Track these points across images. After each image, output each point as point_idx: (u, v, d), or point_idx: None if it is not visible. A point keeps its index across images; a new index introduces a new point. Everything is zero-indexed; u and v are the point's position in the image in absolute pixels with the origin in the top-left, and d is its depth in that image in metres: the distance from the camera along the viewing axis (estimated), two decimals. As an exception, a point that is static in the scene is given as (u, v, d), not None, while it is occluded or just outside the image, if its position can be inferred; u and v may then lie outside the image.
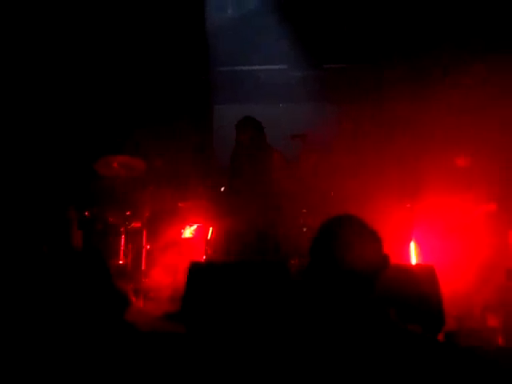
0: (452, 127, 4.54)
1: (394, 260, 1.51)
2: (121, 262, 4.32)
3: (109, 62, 5.26)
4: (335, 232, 1.48)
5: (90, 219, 4.22)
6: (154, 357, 1.77)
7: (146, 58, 5.41)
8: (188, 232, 4.87)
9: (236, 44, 5.61)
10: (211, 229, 4.50)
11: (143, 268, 4.39)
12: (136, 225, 4.43)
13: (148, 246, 4.49)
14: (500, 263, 3.63)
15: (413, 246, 4.15)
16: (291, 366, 1.36)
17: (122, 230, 4.35)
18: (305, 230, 4.17)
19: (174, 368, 1.87)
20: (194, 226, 4.88)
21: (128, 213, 4.38)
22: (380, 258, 1.46)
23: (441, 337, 2.76)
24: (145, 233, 4.45)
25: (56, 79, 4.97)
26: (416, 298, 2.80)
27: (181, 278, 3.54)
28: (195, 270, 3.19)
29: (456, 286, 3.38)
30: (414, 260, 4.10)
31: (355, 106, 5.27)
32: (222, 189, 4.96)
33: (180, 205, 4.92)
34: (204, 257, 4.45)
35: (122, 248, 4.33)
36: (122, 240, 4.34)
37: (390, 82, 5.10)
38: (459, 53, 4.74)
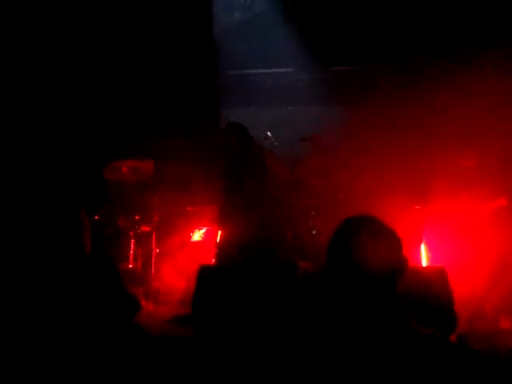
0: (460, 127, 4.51)
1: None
2: (130, 266, 4.34)
3: (118, 67, 5.30)
4: (351, 233, 1.45)
5: (99, 223, 4.24)
6: (162, 360, 1.77)
7: (155, 63, 5.44)
8: (197, 235, 4.87)
9: (244, 47, 5.62)
10: (220, 232, 4.50)
11: (153, 272, 4.40)
12: (145, 229, 4.45)
13: (157, 250, 4.50)
14: (512, 263, 3.58)
15: (423, 248, 4.11)
16: (301, 370, 1.35)
17: (131, 233, 4.36)
18: (314, 232, 4.16)
19: (183, 371, 1.87)
20: (203, 230, 4.89)
21: (137, 217, 4.39)
22: (399, 259, 1.43)
23: (453, 339, 2.73)
24: (154, 236, 4.46)
25: (67, 85, 5.01)
26: (428, 300, 2.77)
27: (191, 281, 3.54)
28: (204, 273, 3.19)
29: (468, 288, 3.34)
30: (424, 262, 4.06)
31: (363, 108, 5.25)
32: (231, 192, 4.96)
33: (189, 208, 4.93)
34: (213, 260, 4.45)
35: (132, 252, 4.35)
36: (132, 244, 4.36)
37: (398, 84, 5.08)
38: (466, 54, 4.71)
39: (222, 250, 4.29)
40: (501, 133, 4.15)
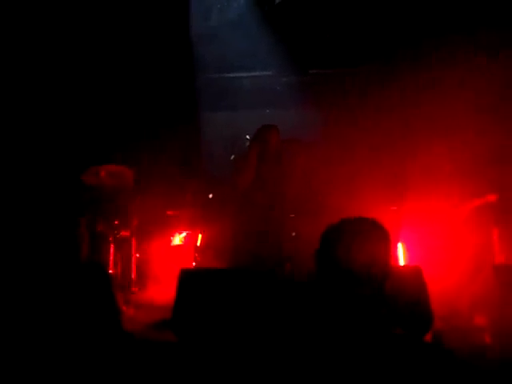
0: (435, 130, 4.61)
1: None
2: (110, 272, 4.30)
3: (95, 73, 5.25)
4: (338, 234, 1.45)
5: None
6: (144, 365, 1.78)
7: (133, 68, 5.41)
8: (177, 239, 4.87)
9: (221, 51, 5.64)
10: (200, 236, 4.51)
11: (133, 277, 4.38)
12: (125, 233, 4.42)
13: (137, 255, 4.48)
14: (486, 261, 3.68)
15: (400, 247, 4.19)
16: (282, 374, 1.37)
17: (110, 238, 4.33)
18: (293, 234, 4.20)
19: (165, 377, 1.88)
20: (184, 234, 4.88)
21: (116, 222, 4.36)
22: (387, 258, 1.45)
23: (429, 337, 2.79)
24: (134, 241, 4.44)
25: (42, 91, 4.94)
26: (404, 298, 2.83)
27: (171, 285, 3.54)
28: (185, 277, 3.20)
29: (443, 286, 3.42)
30: (401, 261, 4.14)
31: (341, 111, 5.32)
32: (211, 195, 4.98)
33: (168, 213, 4.92)
34: (194, 264, 4.46)
35: (112, 257, 4.32)
36: (111, 249, 4.33)
37: (375, 87, 5.16)
38: (443, 54, 4.80)
39: (203, 253, 4.29)
40: (475, 130, 4.25)
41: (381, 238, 1.46)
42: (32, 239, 1.93)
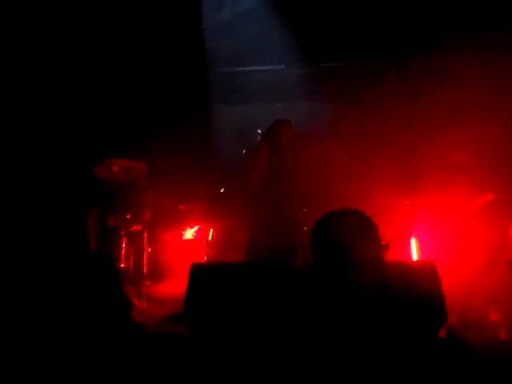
0: (450, 123, 4.55)
1: (394, 257, 1.51)
2: (122, 265, 4.33)
3: (107, 66, 5.26)
4: (330, 229, 1.47)
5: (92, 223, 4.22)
6: (156, 357, 1.78)
7: (144, 61, 5.41)
8: (189, 234, 4.88)
9: (233, 44, 5.61)
10: (212, 230, 4.51)
11: (145, 271, 4.40)
12: (137, 227, 4.44)
13: (149, 249, 4.49)
14: (501, 255, 3.63)
15: (413, 242, 4.15)
16: (293, 368, 1.36)
17: (122, 232, 4.35)
18: (305, 228, 4.18)
19: (176, 369, 1.88)
20: (195, 228, 4.89)
21: (128, 216, 4.38)
22: (376, 249, 1.44)
23: (442, 332, 2.76)
24: (145, 235, 4.45)
25: (54, 84, 4.97)
26: (418, 294, 2.80)
27: (183, 279, 3.54)
28: (196, 271, 3.20)
29: (458, 281, 3.38)
30: (415, 256, 4.10)
31: (353, 104, 5.27)
32: (222, 190, 4.97)
33: (180, 207, 4.93)
34: (205, 258, 4.46)
35: (124, 251, 4.34)
36: (124, 243, 4.35)
37: (387, 79, 5.10)
38: (457, 48, 4.73)
39: (214, 247, 4.29)
40: (492, 126, 4.18)
41: (370, 230, 1.44)
42: (40, 231, 1.94)
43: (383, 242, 1.47)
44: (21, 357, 1.60)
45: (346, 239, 1.42)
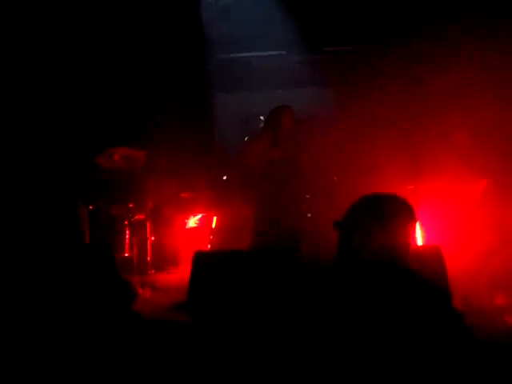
0: (452, 105, 4.50)
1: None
2: (126, 255, 4.33)
3: (108, 56, 5.22)
4: (359, 216, 1.42)
5: (93, 212, 4.22)
6: (160, 345, 1.78)
7: (145, 50, 5.37)
8: (192, 222, 4.87)
9: (234, 31, 5.55)
10: (215, 218, 4.50)
11: (148, 259, 4.40)
12: (140, 217, 4.43)
13: (152, 238, 4.49)
14: (507, 240, 3.61)
15: (418, 227, 4.13)
16: (296, 355, 1.35)
17: (125, 222, 4.35)
18: (309, 215, 4.16)
19: (180, 357, 1.88)
20: (198, 216, 4.88)
21: (131, 205, 4.38)
22: (409, 239, 1.41)
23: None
24: (149, 224, 4.45)
25: (55, 73, 4.94)
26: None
27: (186, 267, 3.54)
28: (200, 259, 3.19)
29: (462, 265, 3.36)
30: (419, 241, 4.08)
31: (356, 89, 5.22)
32: (225, 177, 4.95)
33: (183, 195, 4.91)
34: (208, 246, 4.46)
35: (127, 240, 4.34)
36: (127, 232, 4.35)
37: (390, 64, 5.04)
38: (457, 32, 4.67)
39: (218, 235, 4.28)
40: (494, 109, 4.13)
41: (404, 217, 1.41)
42: (35, 221, 1.93)
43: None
44: (18, 348, 1.60)
45: (386, 219, 1.38)
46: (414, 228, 1.44)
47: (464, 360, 1.28)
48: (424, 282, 1.37)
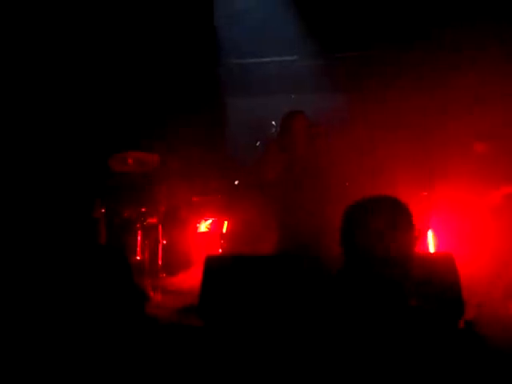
0: (468, 113, 4.46)
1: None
2: (138, 258, 4.36)
3: (121, 59, 5.27)
4: (359, 219, 1.39)
5: (106, 215, 4.25)
6: (171, 348, 1.78)
7: (158, 54, 5.41)
8: (203, 226, 4.89)
9: (246, 36, 5.57)
10: (226, 222, 4.50)
11: (160, 263, 4.42)
12: (152, 220, 4.46)
13: (164, 241, 4.51)
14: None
15: (431, 234, 4.09)
16: (307, 360, 1.34)
17: (138, 225, 4.38)
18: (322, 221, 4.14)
19: (191, 360, 1.88)
20: (210, 220, 4.90)
21: (143, 209, 4.40)
22: (410, 240, 1.39)
23: (461, 325, 2.72)
24: (160, 228, 4.47)
25: (72, 79, 5.00)
26: (435, 286, 2.76)
27: (198, 271, 3.55)
28: (211, 263, 3.20)
29: (476, 273, 3.33)
30: (432, 248, 4.05)
31: (368, 95, 5.20)
32: (236, 182, 4.96)
33: (194, 199, 4.93)
34: (219, 250, 4.47)
35: (139, 244, 4.37)
36: (139, 236, 4.38)
37: (404, 69, 5.01)
38: (473, 36, 4.63)
39: (229, 239, 4.28)
40: (506, 113, 4.09)
41: (403, 220, 1.39)
42: (49, 223, 1.95)
43: (415, 232, 1.41)
44: (28, 351, 1.61)
45: (375, 229, 1.35)
46: (413, 236, 1.40)
47: (476, 370, 1.27)
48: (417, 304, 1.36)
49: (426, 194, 4.22)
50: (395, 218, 1.38)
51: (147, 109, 5.33)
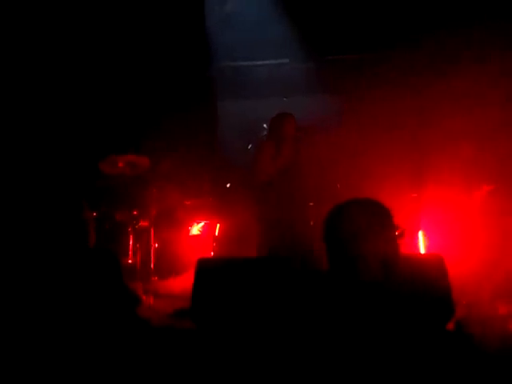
0: (455, 114, 4.50)
1: (402, 250, 1.49)
2: (130, 262, 4.35)
3: (112, 62, 5.27)
4: (337, 219, 1.45)
5: (97, 219, 4.24)
6: (163, 351, 1.79)
7: (149, 57, 5.41)
8: (195, 229, 4.88)
9: (237, 39, 5.58)
10: (218, 225, 4.51)
11: (152, 266, 4.41)
12: (144, 223, 4.45)
13: (156, 245, 4.51)
14: (510, 248, 3.60)
15: (421, 235, 4.12)
16: (299, 362, 1.35)
17: (129, 229, 4.37)
18: (312, 223, 4.17)
19: (183, 363, 1.89)
20: (202, 223, 4.90)
21: (135, 212, 4.40)
22: (389, 244, 1.43)
23: (451, 325, 2.75)
24: (152, 231, 4.46)
25: (60, 79, 4.99)
26: (425, 287, 2.78)
27: (190, 275, 3.55)
28: (203, 266, 3.20)
29: (465, 274, 3.36)
30: (422, 249, 4.08)
31: (359, 97, 5.24)
32: (228, 185, 4.97)
33: (186, 202, 4.93)
34: (211, 253, 4.47)
35: (131, 247, 4.36)
36: (131, 239, 4.36)
37: (393, 72, 5.06)
38: (460, 41, 4.68)
39: (221, 242, 4.29)
40: (500, 120, 4.14)
41: (380, 221, 1.42)
42: (39, 226, 1.95)
43: (397, 230, 1.45)
44: (22, 356, 1.61)
45: (357, 229, 1.40)
46: (394, 235, 1.44)
47: (465, 370, 1.28)
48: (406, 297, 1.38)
49: (415, 195, 4.25)
50: (371, 219, 1.42)
51: (139, 111, 5.32)
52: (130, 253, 4.35)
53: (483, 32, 4.51)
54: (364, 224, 1.41)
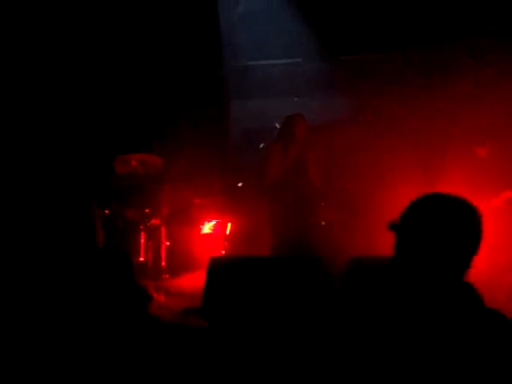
0: (469, 117, 4.45)
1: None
2: (141, 259, 4.37)
3: (127, 62, 5.30)
4: (420, 220, 1.33)
5: (109, 217, 4.27)
6: (173, 349, 1.79)
7: (162, 56, 5.44)
8: (207, 228, 4.90)
9: (250, 39, 5.59)
10: (229, 224, 4.51)
11: (163, 264, 4.43)
12: (155, 222, 4.47)
13: (167, 243, 4.52)
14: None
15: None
16: (310, 361, 1.34)
17: (141, 227, 4.39)
18: (323, 223, 4.15)
19: (193, 361, 1.88)
20: (213, 222, 4.91)
21: (147, 210, 4.42)
22: (475, 242, 1.33)
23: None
24: (163, 229, 4.48)
25: (76, 79, 5.03)
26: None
27: (201, 273, 3.56)
28: (214, 265, 3.20)
29: (480, 275, 3.31)
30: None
31: (372, 98, 5.20)
32: (240, 184, 4.97)
33: (197, 201, 4.94)
34: (223, 252, 4.48)
35: (143, 245, 4.38)
36: (142, 237, 4.38)
37: (407, 72, 5.02)
38: (478, 41, 4.63)
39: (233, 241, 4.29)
40: None
41: (470, 222, 1.33)
42: (49, 225, 1.96)
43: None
44: (30, 353, 1.61)
45: (441, 228, 1.29)
46: (480, 233, 1.35)
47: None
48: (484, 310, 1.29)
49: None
50: (459, 219, 1.32)
51: (151, 111, 5.35)
52: (142, 251, 4.37)
53: (504, 29, 4.45)
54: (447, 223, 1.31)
